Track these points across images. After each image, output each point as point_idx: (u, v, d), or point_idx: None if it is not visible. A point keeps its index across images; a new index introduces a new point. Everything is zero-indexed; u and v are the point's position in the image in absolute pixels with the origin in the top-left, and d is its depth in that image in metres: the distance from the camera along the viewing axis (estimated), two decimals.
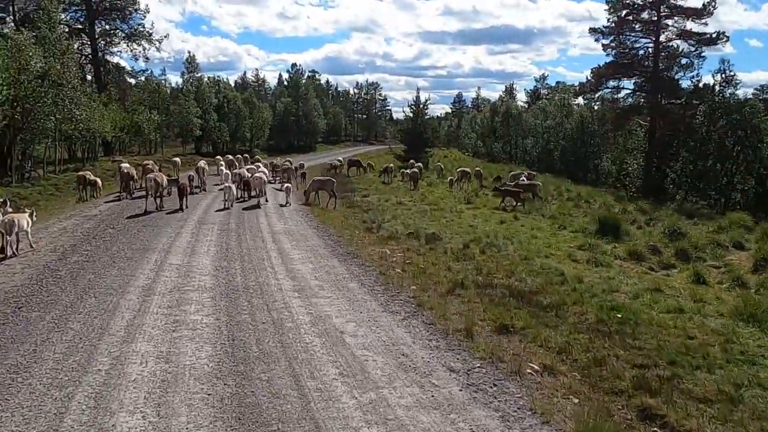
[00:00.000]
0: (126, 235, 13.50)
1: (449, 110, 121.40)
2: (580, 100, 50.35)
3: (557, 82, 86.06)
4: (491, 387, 6.22)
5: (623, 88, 37.85)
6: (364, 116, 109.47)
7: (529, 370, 6.78)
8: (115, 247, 12.05)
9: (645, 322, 8.69)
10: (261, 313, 8.15)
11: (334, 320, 8.12)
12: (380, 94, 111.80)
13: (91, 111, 33.41)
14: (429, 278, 10.92)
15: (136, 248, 12.01)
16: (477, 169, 33.08)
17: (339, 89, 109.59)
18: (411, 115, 40.92)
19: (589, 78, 38.72)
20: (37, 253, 11.45)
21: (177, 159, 35.32)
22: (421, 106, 40.68)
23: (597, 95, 39.48)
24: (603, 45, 36.58)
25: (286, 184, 23.49)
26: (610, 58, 37.22)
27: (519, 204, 22.41)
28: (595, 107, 47.79)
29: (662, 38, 35.29)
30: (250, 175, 23.69)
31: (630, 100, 38.60)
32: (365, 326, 7.93)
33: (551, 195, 26.83)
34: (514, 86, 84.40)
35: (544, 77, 77.84)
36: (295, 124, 70.52)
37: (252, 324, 7.67)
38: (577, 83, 68.93)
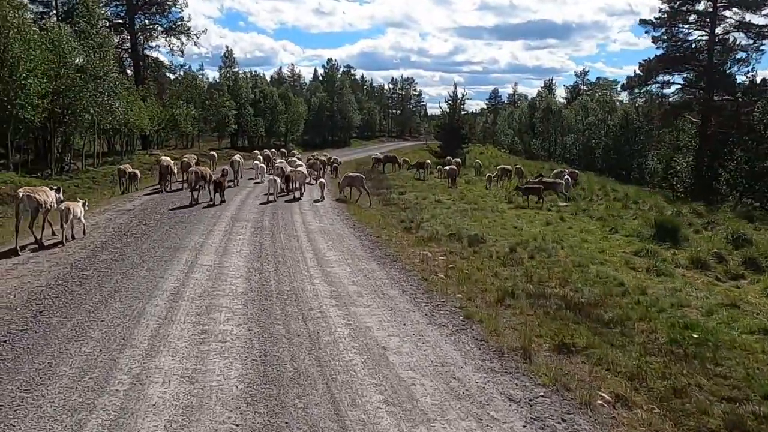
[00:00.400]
0: (158, 232, 13.02)
1: (484, 106, 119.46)
2: (623, 96, 48.43)
3: (597, 78, 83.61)
4: (559, 423, 5.35)
5: (673, 83, 35.98)
6: (399, 112, 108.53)
7: (600, 401, 5.88)
8: (146, 245, 11.55)
9: (726, 344, 7.65)
10: (296, 324, 7.44)
11: (375, 333, 7.35)
12: (415, 90, 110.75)
13: (129, 104, 33.56)
14: (475, 285, 10.06)
15: (167, 247, 11.48)
16: (518, 166, 31.88)
17: (374, 84, 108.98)
18: (447, 110, 39.85)
19: (637, 72, 36.94)
20: (66, 250, 11.03)
21: (214, 153, 35.25)
22: (458, 101, 39.57)
23: (645, 90, 37.57)
24: (653, 38, 34.80)
25: (320, 180, 22.96)
26: (660, 51, 35.40)
27: (539, 201, 21.73)
28: (641, 103, 45.75)
29: (718, 30, 33.35)
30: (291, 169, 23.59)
31: (680, 95, 36.65)
32: (410, 341, 7.14)
33: (596, 195, 25.52)
34: (554, 82, 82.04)
35: (584, 72, 75.76)
36: (329, 119, 70.14)
37: (286, 337, 6.96)
38: (616, 79, 66.54)
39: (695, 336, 7.86)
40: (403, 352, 6.76)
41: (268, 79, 75.29)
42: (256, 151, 36.95)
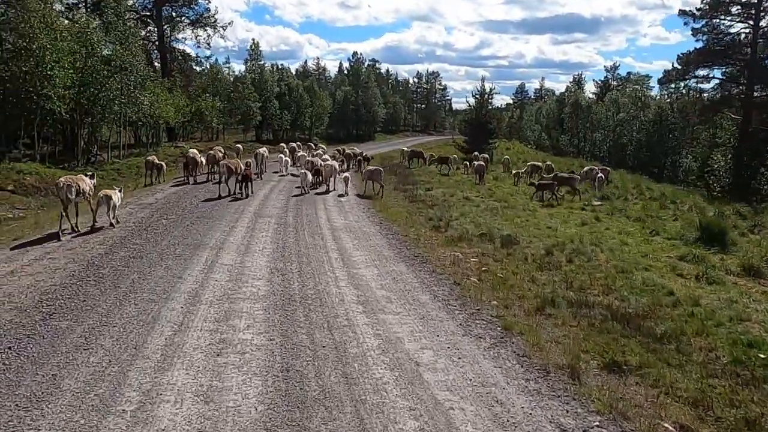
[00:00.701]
0: (179, 228, 12.57)
1: (510, 101, 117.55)
2: (654, 91, 46.77)
3: (628, 73, 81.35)
4: None
5: (713, 77, 34.42)
6: (423, 106, 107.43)
7: None
8: (165, 242, 11.09)
9: None
10: (321, 333, 6.85)
11: (406, 345, 6.72)
12: (440, 84, 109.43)
13: (155, 96, 33.45)
14: (511, 291, 9.37)
15: (187, 244, 11.00)
16: (548, 163, 30.85)
17: (399, 78, 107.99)
18: (474, 104, 38.89)
19: (674, 65, 35.42)
20: (84, 245, 10.63)
21: (239, 146, 35.04)
22: (486, 95, 38.57)
23: (684, 85, 36.05)
24: (693, 30, 33.26)
25: (344, 174, 22.46)
26: (699, 44, 33.85)
27: (552, 197, 21.17)
28: (674, 97, 44.14)
29: (762, 23, 31.71)
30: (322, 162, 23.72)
31: (719, 90, 35.08)
32: (444, 356, 6.50)
33: (631, 193, 24.43)
34: (583, 76, 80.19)
35: (615, 67, 73.51)
36: (354, 113, 69.58)
37: (310, 348, 6.37)
38: (648, 74, 64.55)
39: (762, 356, 7.06)
40: (438, 369, 6.12)
41: (294, 73, 75.14)
42: (282, 144, 36.71)
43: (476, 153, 34.36)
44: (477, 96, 38.40)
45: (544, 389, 5.87)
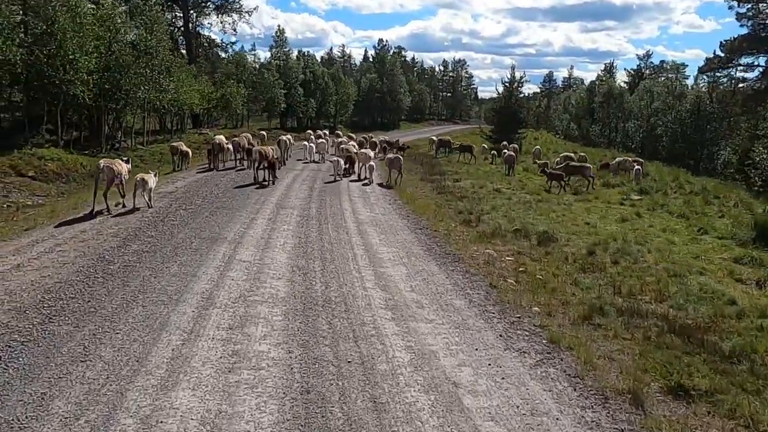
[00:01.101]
0: (197, 219, 11.93)
1: (537, 90, 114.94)
2: (689, 80, 44.72)
3: (661, 61, 78.52)
4: None
5: (757, 65, 32.56)
6: (449, 94, 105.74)
7: None
8: (182, 235, 10.44)
9: None
10: (345, 345, 6.08)
11: (442, 361, 5.93)
12: (467, 72, 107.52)
13: (180, 82, 33.01)
14: (552, 295, 8.50)
15: (204, 237, 10.34)
16: (581, 153, 29.56)
17: (424, 66, 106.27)
18: (504, 92, 37.58)
19: (717, 53, 33.62)
20: (97, 237, 10.04)
21: (263, 132, 34.53)
22: (516, 83, 37.22)
23: (725, 73, 34.24)
24: (737, 14, 31.46)
25: (369, 162, 21.67)
26: (744, 30, 32.01)
27: (561, 187, 20.67)
28: (713, 87, 42.10)
29: None
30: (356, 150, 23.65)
31: (763, 80, 33.18)
32: (486, 375, 5.69)
33: (670, 187, 23.12)
34: (614, 65, 77.63)
35: (648, 55, 70.67)
36: (379, 101, 68.55)
37: (334, 363, 5.61)
38: (683, 62, 62.26)
39: None
40: (479, 392, 5.31)
41: (319, 60, 74.32)
42: (309, 132, 36.13)
43: (505, 143, 33.22)
44: (506, 84, 37.11)
45: (604, 421, 5.03)
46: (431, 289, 8.39)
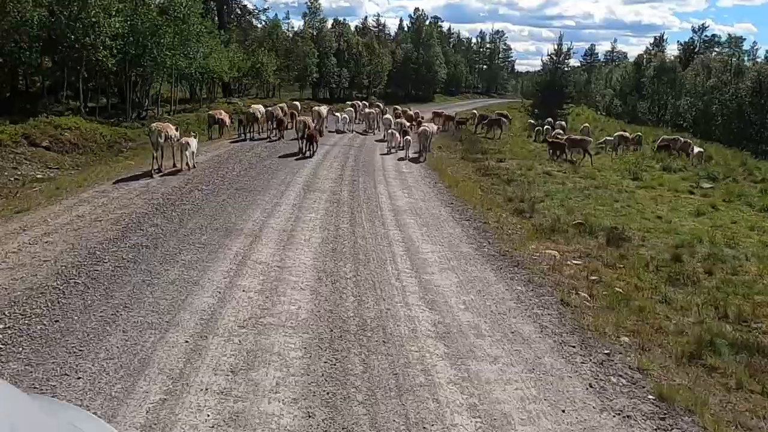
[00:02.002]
0: (211, 204, 10.33)
1: (577, 64, 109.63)
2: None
3: (712, 35, 73.32)
4: None
5: None
6: (485, 67, 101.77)
7: None
8: (191, 224, 8.85)
9: None
10: (387, 403, 4.39)
11: (518, 430, 4.21)
12: (504, 44, 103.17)
13: (209, 49, 31.41)
14: (640, 318, 6.68)
15: (216, 228, 8.73)
16: (637, 134, 26.94)
17: (461, 37, 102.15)
18: (549, 65, 34.82)
19: None
20: (93, 225, 8.53)
21: (297, 103, 32.94)
22: (563, 55, 34.39)
23: None
24: None
25: (406, 137, 19.99)
26: None
27: (558, 158, 20.55)
28: None
29: None
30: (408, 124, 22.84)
31: None
32: None
33: (739, 173, 20.60)
34: (664, 38, 72.99)
35: (703, 27, 65.48)
36: (414, 72, 65.81)
37: None
38: (741, 36, 57.75)
39: None
40: None
41: (353, 30, 71.74)
42: (348, 103, 34.54)
43: (549, 119, 30.76)
44: (552, 56, 34.32)
45: None
46: (490, 306, 6.63)
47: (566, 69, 35.99)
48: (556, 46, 34.18)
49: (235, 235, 8.36)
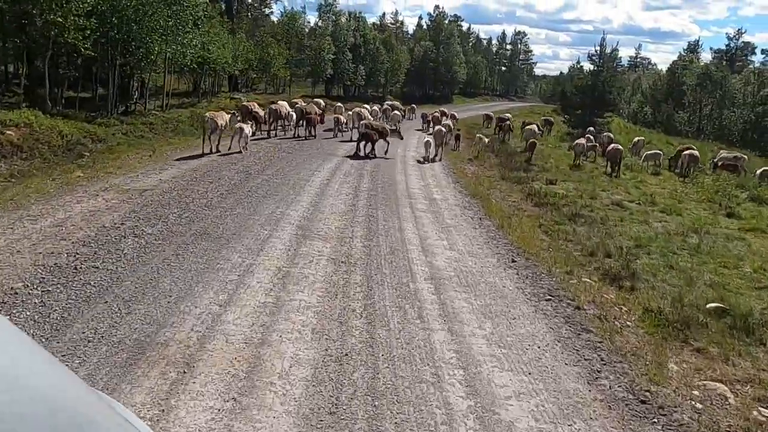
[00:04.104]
0: (201, 218, 6.37)
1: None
2: None
3: (745, 43, 68.33)
4: None
5: None
6: (505, 69, 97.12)
7: None
8: (172, 248, 4.90)
9: None
10: None
11: None
12: (525, 46, 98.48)
13: (209, 37, 27.52)
14: None
15: (205, 252, 4.76)
16: (737, 154, 22.42)
17: (480, 38, 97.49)
18: (592, 67, 30.48)
19: None
20: (34, 253, 4.61)
21: (320, 100, 29.27)
22: (607, 57, 30.03)
23: None
24: None
25: (426, 138, 17.84)
26: None
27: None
28: None
29: None
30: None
31: None
32: None
33: None
34: (700, 44, 68.16)
35: (739, 33, 60.25)
36: (432, 72, 61.57)
37: None
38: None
39: None
40: None
41: (370, 26, 67.58)
42: (371, 105, 30.83)
43: (591, 129, 26.54)
44: (596, 57, 29.97)
45: None
46: None
47: (611, 76, 31.15)
48: (597, 47, 29.71)
49: (222, 272, 4.34)
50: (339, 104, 29.71)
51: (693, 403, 4.79)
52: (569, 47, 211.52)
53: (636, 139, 23.15)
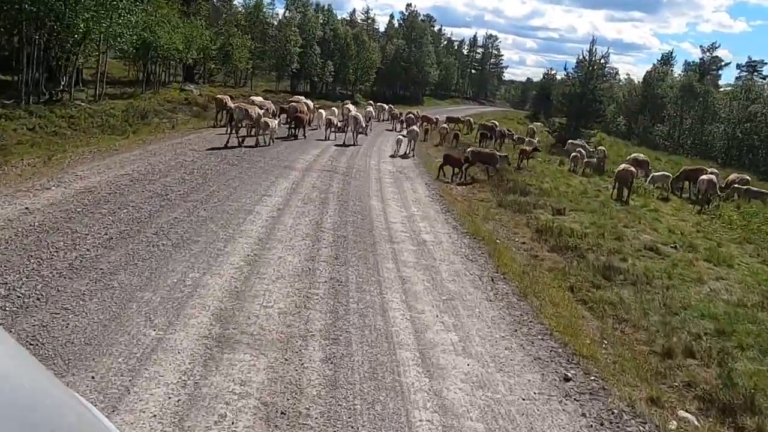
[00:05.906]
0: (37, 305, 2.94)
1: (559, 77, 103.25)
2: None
3: (714, 57, 67.74)
4: None
5: None
6: (476, 72, 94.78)
7: None
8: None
9: None
10: None
11: None
12: (496, 50, 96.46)
13: (156, 18, 23.64)
14: None
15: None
16: (746, 177, 19.85)
17: (452, 39, 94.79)
18: (580, 74, 27.86)
19: None
20: None
21: (306, 100, 25.65)
22: (596, 64, 27.42)
23: None
24: None
25: (399, 135, 18.43)
26: None
27: (459, 175, 15.10)
28: None
29: None
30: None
31: None
32: None
33: None
34: (673, 56, 67.19)
35: (713, 47, 58.86)
36: (404, 71, 58.43)
37: None
38: (760, 60, 52.60)
39: None
40: None
41: (340, 21, 63.89)
42: (347, 101, 27.98)
43: (580, 141, 23.84)
44: (585, 63, 27.30)
45: None
46: None
47: (599, 84, 28.34)
48: (586, 52, 27.03)
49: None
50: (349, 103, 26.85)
51: None
52: (535, 53, 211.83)
53: (639, 156, 20.29)
